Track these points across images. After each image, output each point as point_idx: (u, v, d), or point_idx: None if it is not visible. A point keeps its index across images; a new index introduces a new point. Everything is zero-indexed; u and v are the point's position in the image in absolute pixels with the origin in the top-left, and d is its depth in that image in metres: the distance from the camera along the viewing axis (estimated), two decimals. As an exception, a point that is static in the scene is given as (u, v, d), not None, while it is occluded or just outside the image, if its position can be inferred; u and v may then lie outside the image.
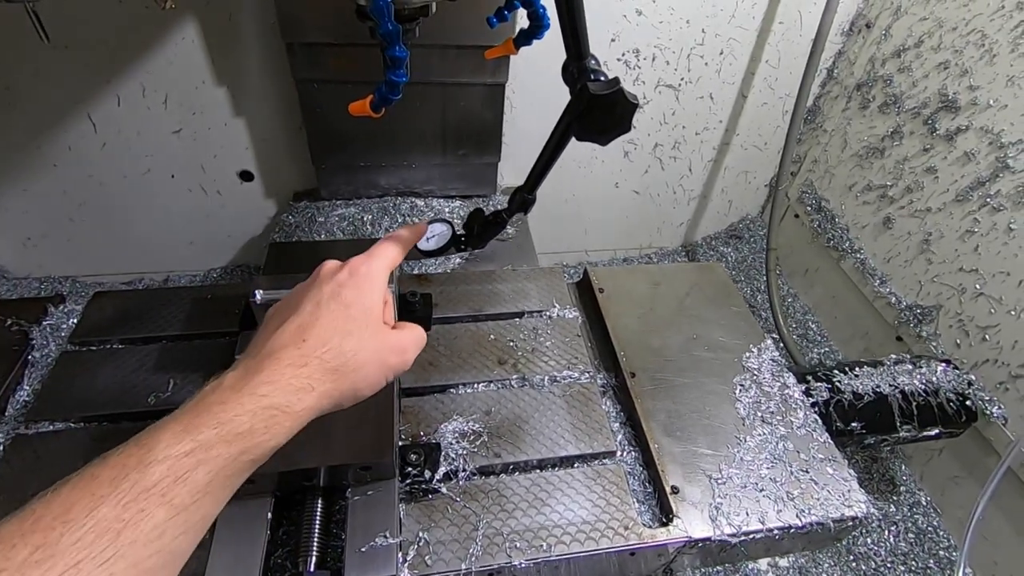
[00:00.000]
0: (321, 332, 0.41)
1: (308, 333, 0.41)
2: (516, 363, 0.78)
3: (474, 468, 0.65)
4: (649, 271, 0.97)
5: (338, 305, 0.43)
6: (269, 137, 1.27)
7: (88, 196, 1.29)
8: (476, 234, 0.58)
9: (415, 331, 0.49)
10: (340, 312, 0.43)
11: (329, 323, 0.42)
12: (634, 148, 1.44)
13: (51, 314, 0.78)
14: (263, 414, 0.37)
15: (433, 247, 0.62)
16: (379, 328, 0.44)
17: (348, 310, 0.43)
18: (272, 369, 0.38)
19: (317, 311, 0.43)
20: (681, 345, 0.84)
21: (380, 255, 0.48)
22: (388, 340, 0.45)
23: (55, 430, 0.66)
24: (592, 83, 0.40)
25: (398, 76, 0.43)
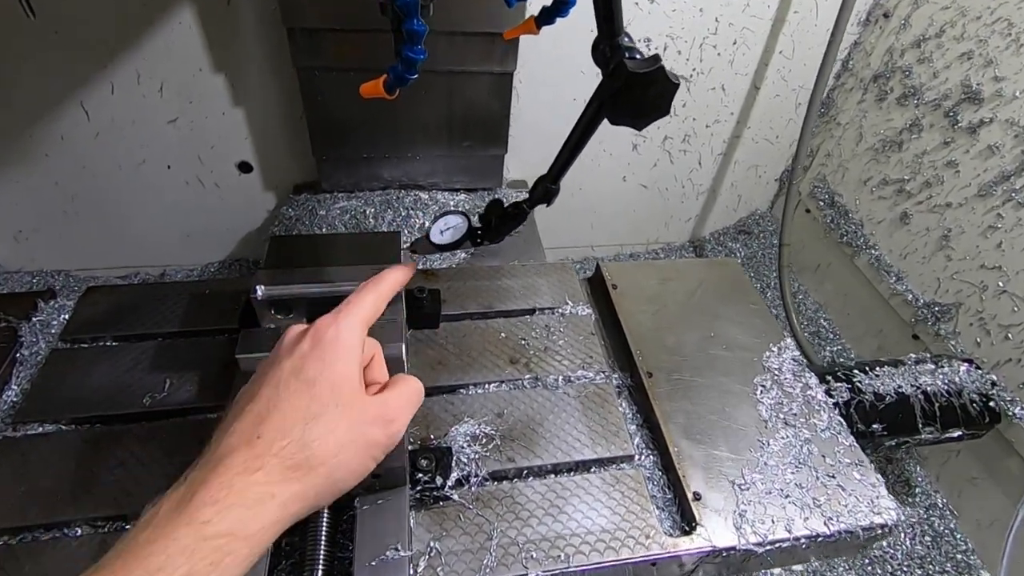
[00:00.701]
0: (279, 422, 0.34)
1: (264, 426, 0.34)
2: (528, 362, 0.74)
3: (487, 473, 0.62)
4: (662, 267, 0.94)
5: (300, 384, 0.36)
6: (269, 127, 1.23)
7: (81, 188, 1.25)
8: (493, 227, 0.54)
9: (406, 389, 0.42)
10: (302, 393, 0.36)
11: (289, 409, 0.35)
12: (643, 141, 1.41)
13: (41, 310, 0.74)
14: (206, 548, 0.29)
15: (448, 240, 0.58)
16: (354, 401, 0.37)
17: (312, 388, 0.36)
18: (218, 483, 0.31)
19: (275, 396, 0.35)
20: (698, 343, 0.81)
21: (350, 312, 0.41)
22: (367, 412, 0.38)
23: (44, 432, 0.63)
24: (629, 61, 0.36)
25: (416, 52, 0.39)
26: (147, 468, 0.59)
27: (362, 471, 0.38)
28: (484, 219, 0.56)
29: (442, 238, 0.59)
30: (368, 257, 0.68)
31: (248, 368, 0.59)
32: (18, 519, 0.55)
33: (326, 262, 0.66)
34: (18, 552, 0.53)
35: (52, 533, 0.56)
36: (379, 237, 0.71)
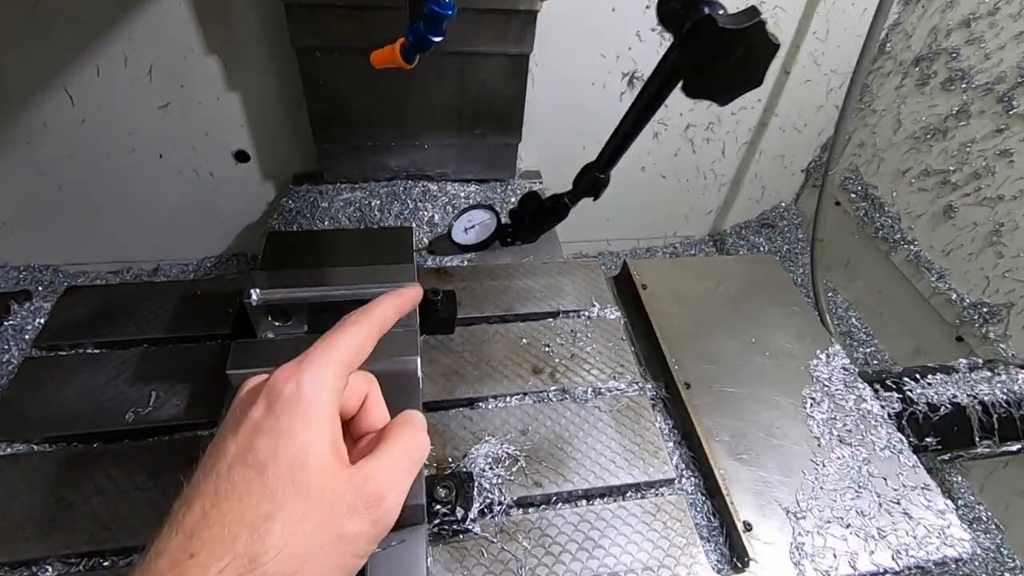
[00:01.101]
0: (218, 532, 0.24)
1: (196, 540, 0.24)
2: (554, 372, 0.67)
3: (511, 500, 0.55)
4: (695, 264, 0.87)
5: (247, 470, 0.26)
6: (267, 113, 1.15)
7: (67, 178, 1.17)
8: (528, 224, 0.46)
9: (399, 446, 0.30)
10: (251, 483, 0.26)
11: (233, 510, 0.25)
12: (664, 129, 1.33)
13: (14, 313, 0.67)
14: None
15: (472, 240, 0.50)
16: (324, 485, 0.27)
17: (263, 475, 0.26)
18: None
19: (215, 492, 0.25)
20: (739, 351, 0.73)
21: (317, 359, 0.29)
22: (344, 497, 0.27)
23: (14, 453, 0.56)
24: (717, 15, 0.28)
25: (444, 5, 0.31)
26: (128, 496, 0.53)
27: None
28: (516, 215, 0.48)
29: (466, 237, 0.51)
30: (377, 255, 0.61)
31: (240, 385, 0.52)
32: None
33: (330, 261, 0.59)
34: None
35: (18, 573, 0.49)
36: (389, 233, 0.64)
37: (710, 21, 0.28)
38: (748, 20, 0.28)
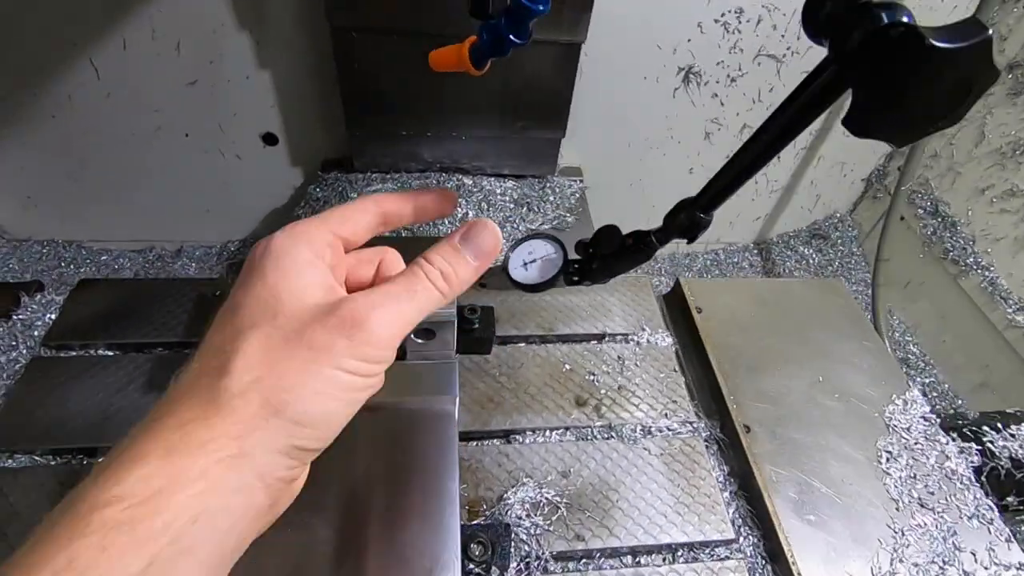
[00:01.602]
0: (198, 367, 0.25)
1: (175, 384, 0.25)
2: (599, 405, 0.61)
3: (550, 554, 0.49)
4: (755, 286, 0.79)
5: (223, 312, 0.27)
6: (297, 95, 1.09)
7: (91, 153, 1.14)
8: (601, 264, 0.39)
9: (407, 282, 0.27)
10: (225, 324, 0.26)
11: (209, 351, 0.25)
12: (718, 129, 1.23)
13: (24, 306, 0.63)
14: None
15: (533, 278, 0.43)
16: (297, 313, 0.25)
17: (236, 313, 0.25)
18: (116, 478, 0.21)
19: (202, 342, 0.26)
20: (805, 390, 0.66)
21: (296, 223, 0.29)
22: (317, 320, 0.25)
23: (14, 467, 0.52)
24: (914, 26, 0.20)
25: (536, 1, 0.24)
26: (132, 525, 0.48)
27: (335, 404, 0.25)
28: (588, 249, 0.41)
29: (526, 274, 0.43)
30: (412, 269, 0.55)
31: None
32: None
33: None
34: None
35: (12, 604, 0.44)
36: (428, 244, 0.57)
37: (912, 35, 0.20)
38: (969, 36, 0.20)
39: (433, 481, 0.42)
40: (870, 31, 0.21)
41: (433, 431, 0.45)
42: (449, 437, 0.45)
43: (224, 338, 0.25)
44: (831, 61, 0.25)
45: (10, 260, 1.23)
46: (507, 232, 1.07)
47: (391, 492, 0.42)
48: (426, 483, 0.42)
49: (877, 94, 0.21)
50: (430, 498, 0.41)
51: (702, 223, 0.35)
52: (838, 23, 0.22)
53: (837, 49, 0.23)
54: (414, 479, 0.42)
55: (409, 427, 0.45)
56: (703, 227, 0.35)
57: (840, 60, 0.23)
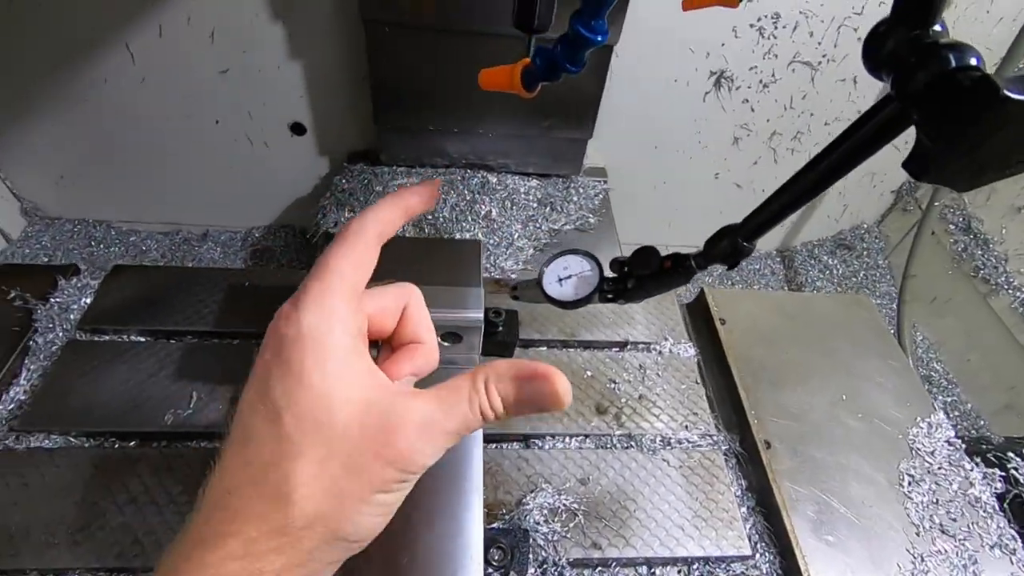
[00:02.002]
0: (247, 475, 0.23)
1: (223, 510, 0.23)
2: (619, 414, 0.61)
3: (567, 561, 0.50)
4: (780, 299, 0.78)
5: (263, 418, 0.24)
6: (327, 86, 1.10)
7: (125, 136, 1.15)
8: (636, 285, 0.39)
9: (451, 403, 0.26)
10: (267, 432, 0.24)
11: (257, 455, 0.23)
12: (747, 134, 1.22)
13: (61, 289, 0.65)
14: None
15: (569, 295, 0.43)
16: (348, 425, 0.24)
17: (279, 423, 0.23)
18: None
19: (242, 438, 0.24)
20: (827, 408, 0.65)
21: (317, 290, 0.26)
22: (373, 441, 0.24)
23: (50, 447, 0.53)
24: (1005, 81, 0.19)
25: (596, 32, 0.24)
26: (161, 510, 0.49)
27: (380, 520, 0.26)
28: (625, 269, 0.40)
29: (561, 290, 0.43)
30: (441, 271, 0.55)
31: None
32: (7, 560, 0.46)
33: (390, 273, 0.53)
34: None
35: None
36: (455, 246, 0.58)
37: (984, 84, 0.19)
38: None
39: (456, 485, 0.42)
40: (937, 74, 0.20)
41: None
42: (473, 441, 0.45)
43: (273, 452, 0.23)
44: (892, 98, 0.24)
45: (43, 238, 1.26)
46: (530, 231, 1.07)
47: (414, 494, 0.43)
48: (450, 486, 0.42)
49: (942, 139, 0.20)
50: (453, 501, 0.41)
51: (745, 251, 0.34)
52: (901, 61, 0.22)
53: (900, 88, 0.22)
54: (437, 482, 0.43)
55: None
56: (745, 255, 0.35)
57: (903, 99, 0.23)
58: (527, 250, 1.05)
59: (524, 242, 1.05)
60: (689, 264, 0.37)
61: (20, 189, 1.25)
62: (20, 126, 1.13)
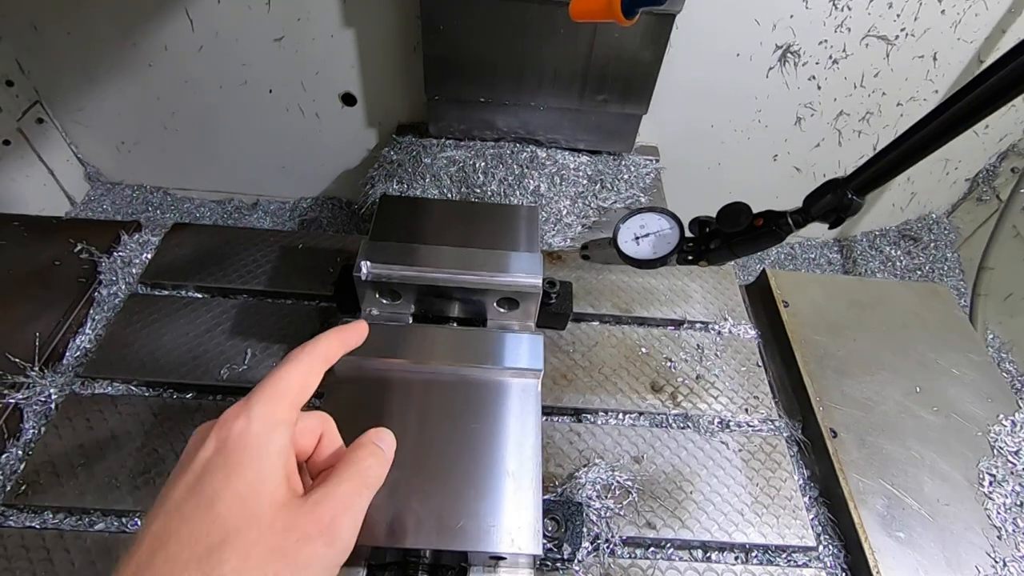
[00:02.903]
0: (168, 566, 0.24)
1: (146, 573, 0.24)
2: (675, 393, 0.59)
3: (620, 538, 0.48)
4: (848, 284, 0.73)
5: (198, 503, 0.26)
6: (379, 56, 1.09)
7: (182, 103, 1.18)
8: (722, 244, 0.36)
9: (348, 473, 0.30)
10: (201, 515, 0.25)
11: (182, 542, 0.24)
12: (811, 114, 1.15)
13: (124, 244, 0.66)
14: None
15: (647, 254, 0.40)
16: (276, 514, 0.26)
17: (212, 508, 0.25)
18: None
19: (165, 527, 0.25)
20: (900, 399, 0.61)
21: (266, 397, 0.29)
22: (297, 523, 0.27)
23: (113, 394, 0.54)
24: None
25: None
26: (217, 461, 0.50)
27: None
28: (703, 230, 0.38)
29: (637, 248, 0.41)
30: (498, 234, 0.54)
31: (340, 371, 0.47)
32: (74, 498, 0.48)
33: (447, 238, 0.52)
34: (67, 540, 0.46)
35: (108, 521, 0.47)
36: (513, 211, 0.56)
37: None
38: None
39: (516, 453, 0.41)
40: None
41: (518, 400, 0.44)
42: (533, 408, 0.44)
43: (207, 530, 0.25)
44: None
45: (104, 202, 1.30)
46: (579, 208, 1.05)
47: (474, 459, 0.42)
48: (512, 454, 0.41)
49: None
50: (514, 469, 0.40)
51: (852, 206, 0.31)
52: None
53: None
54: (498, 449, 0.42)
55: (493, 397, 0.45)
56: (853, 211, 0.32)
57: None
58: (575, 227, 1.02)
59: (572, 219, 1.03)
60: (784, 222, 0.34)
61: (84, 154, 1.29)
62: (87, 93, 1.17)
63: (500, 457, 0.41)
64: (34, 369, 0.55)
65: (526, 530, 0.38)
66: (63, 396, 0.54)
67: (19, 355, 0.55)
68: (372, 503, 0.30)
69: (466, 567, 0.40)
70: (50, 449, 0.50)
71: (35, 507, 0.48)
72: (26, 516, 0.48)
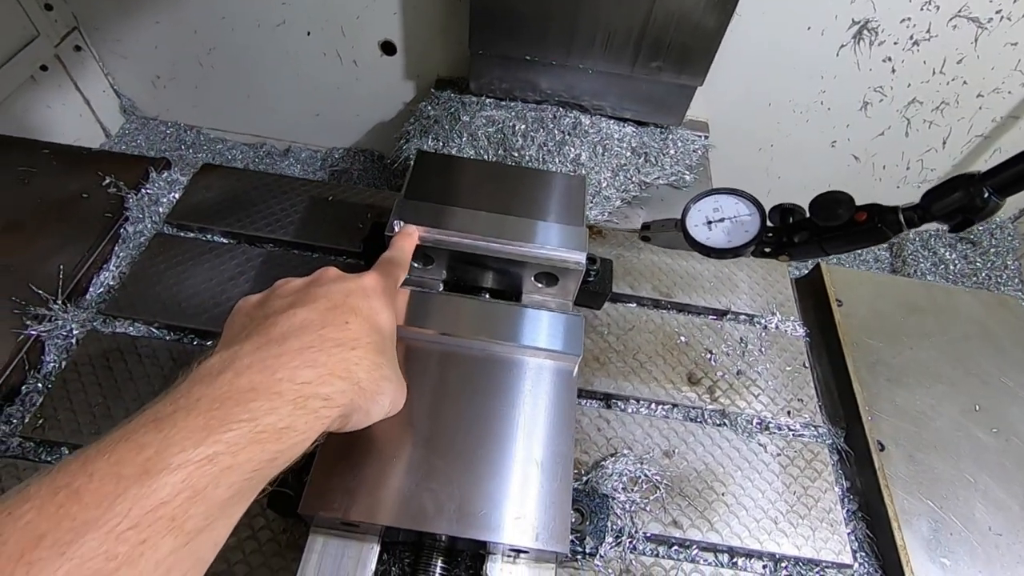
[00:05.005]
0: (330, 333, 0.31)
1: (318, 328, 0.31)
2: (713, 387, 0.55)
3: (644, 535, 0.46)
4: (909, 287, 0.68)
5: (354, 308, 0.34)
6: (423, 3, 1.04)
7: (219, 41, 1.14)
8: (811, 238, 0.32)
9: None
10: (360, 321, 0.33)
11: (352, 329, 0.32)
12: (880, 99, 1.07)
13: (152, 181, 0.64)
14: (307, 406, 0.28)
15: (721, 243, 0.35)
16: (385, 338, 0.35)
17: (347, 326, 0.33)
18: (307, 352, 0.29)
19: (333, 309, 0.33)
20: (956, 416, 0.57)
21: (391, 285, 0.39)
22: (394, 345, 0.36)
23: (134, 334, 0.53)
24: None
25: None
26: (234, 414, 0.48)
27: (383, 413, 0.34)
28: (786, 220, 0.33)
29: (709, 234, 0.35)
30: (542, 203, 0.50)
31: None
32: (90, 437, 0.46)
33: (485, 203, 0.48)
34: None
35: (123, 464, 0.47)
36: (558, 180, 0.52)
37: None
38: None
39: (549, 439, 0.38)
40: None
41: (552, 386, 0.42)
42: (568, 395, 0.41)
43: (346, 335, 0.32)
44: None
45: (139, 136, 1.29)
46: (620, 181, 1.00)
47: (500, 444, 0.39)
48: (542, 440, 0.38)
49: None
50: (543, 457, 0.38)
51: (988, 207, 0.27)
52: None
53: None
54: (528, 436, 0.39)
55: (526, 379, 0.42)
56: (988, 213, 0.27)
57: None
58: (614, 200, 0.97)
59: (612, 192, 0.98)
60: (895, 219, 0.30)
61: (120, 86, 1.27)
62: (124, 22, 1.14)
63: (529, 444, 0.39)
64: (56, 302, 0.53)
65: (554, 526, 0.35)
66: (84, 332, 0.53)
67: (42, 287, 0.54)
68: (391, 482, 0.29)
69: (483, 555, 0.38)
70: (68, 385, 0.49)
71: (51, 442, 0.47)
72: (43, 450, 0.48)
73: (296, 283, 0.37)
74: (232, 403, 0.26)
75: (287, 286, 0.37)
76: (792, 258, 0.35)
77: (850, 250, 0.33)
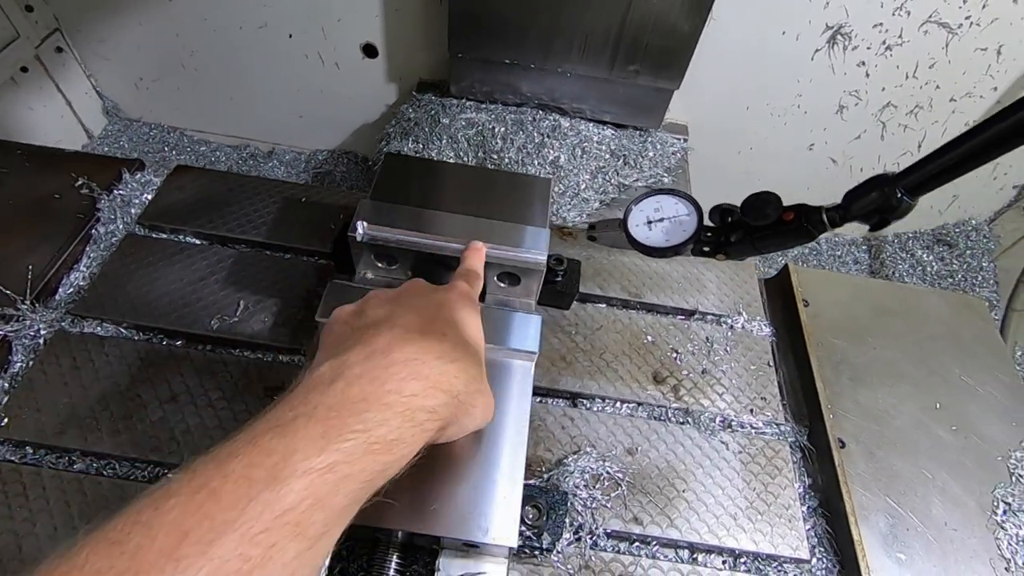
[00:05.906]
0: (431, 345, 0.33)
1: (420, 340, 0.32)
2: (678, 386, 0.56)
3: (604, 531, 0.47)
4: (877, 288, 0.69)
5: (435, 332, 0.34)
6: (404, 7, 1.04)
7: (202, 43, 1.15)
8: (744, 238, 0.33)
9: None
10: (457, 334, 0.35)
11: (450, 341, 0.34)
12: (855, 103, 1.09)
13: (125, 182, 0.64)
14: (414, 419, 0.29)
15: (659, 241, 0.36)
16: (480, 349, 0.37)
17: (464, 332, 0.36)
18: (411, 363, 0.30)
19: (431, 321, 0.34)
20: (916, 415, 0.58)
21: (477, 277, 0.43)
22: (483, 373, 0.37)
23: (102, 335, 0.53)
24: None
25: None
26: (199, 412, 0.49)
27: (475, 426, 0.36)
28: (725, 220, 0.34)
29: (648, 234, 0.37)
30: (507, 207, 0.51)
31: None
32: (54, 437, 0.47)
33: (451, 204, 0.49)
34: (44, 477, 0.45)
35: (87, 462, 0.47)
36: (524, 181, 0.53)
37: None
38: None
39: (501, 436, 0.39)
40: None
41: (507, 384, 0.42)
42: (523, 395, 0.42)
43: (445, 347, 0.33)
44: None
45: (121, 138, 1.29)
46: (598, 183, 1.01)
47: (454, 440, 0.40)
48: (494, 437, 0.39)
49: None
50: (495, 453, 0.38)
51: (901, 208, 0.28)
52: None
53: None
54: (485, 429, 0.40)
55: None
56: (901, 213, 0.28)
57: None
58: (592, 202, 0.98)
59: (591, 194, 0.99)
60: (819, 219, 0.31)
61: (103, 87, 1.27)
62: (107, 23, 1.14)
63: (483, 441, 0.39)
64: (25, 302, 0.54)
65: (504, 521, 0.36)
66: (52, 332, 0.53)
67: (11, 287, 0.54)
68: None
69: (437, 550, 0.38)
70: (35, 385, 0.50)
71: (16, 441, 0.47)
72: (6, 449, 0.48)
73: (389, 293, 0.38)
74: (347, 412, 0.27)
75: (380, 296, 0.37)
76: (729, 256, 0.36)
77: (780, 248, 0.34)
